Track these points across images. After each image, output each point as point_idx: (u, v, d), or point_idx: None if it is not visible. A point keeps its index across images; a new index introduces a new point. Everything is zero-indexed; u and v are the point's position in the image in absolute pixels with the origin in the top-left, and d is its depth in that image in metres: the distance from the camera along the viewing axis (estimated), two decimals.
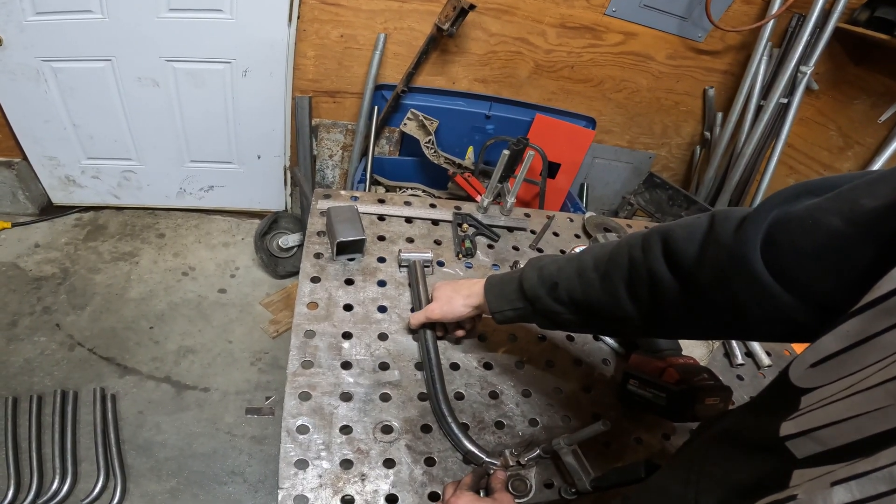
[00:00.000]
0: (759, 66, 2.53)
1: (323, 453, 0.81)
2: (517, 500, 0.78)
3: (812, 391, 0.42)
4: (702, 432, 0.62)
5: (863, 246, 0.44)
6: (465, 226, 1.26)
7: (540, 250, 1.33)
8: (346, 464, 0.81)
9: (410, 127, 2.34)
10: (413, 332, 1.01)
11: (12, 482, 1.63)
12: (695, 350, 1.15)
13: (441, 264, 1.19)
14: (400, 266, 1.13)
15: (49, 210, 2.59)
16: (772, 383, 0.51)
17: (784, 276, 0.50)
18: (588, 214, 1.45)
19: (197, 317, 2.30)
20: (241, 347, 2.23)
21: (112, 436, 1.81)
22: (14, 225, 2.47)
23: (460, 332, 1.02)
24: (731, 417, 0.56)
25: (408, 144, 2.53)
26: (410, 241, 1.22)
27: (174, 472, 1.80)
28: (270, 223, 2.47)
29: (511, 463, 0.80)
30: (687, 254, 0.59)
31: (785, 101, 2.52)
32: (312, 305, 1.01)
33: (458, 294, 0.93)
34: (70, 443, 1.76)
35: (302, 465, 0.79)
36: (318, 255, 1.11)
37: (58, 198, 2.57)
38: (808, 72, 2.41)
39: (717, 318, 0.60)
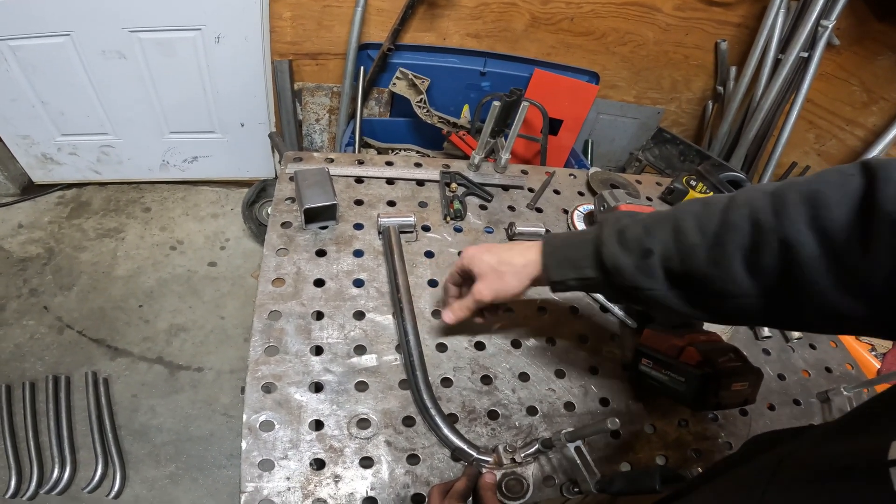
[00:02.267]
0: (777, 19, 2.36)
1: (290, 452, 0.71)
2: (511, 503, 0.68)
3: None
4: (752, 457, 0.48)
5: None
6: (453, 185, 1.12)
7: (539, 210, 1.19)
8: (318, 464, 0.71)
9: (400, 86, 2.20)
10: (448, 328, 0.84)
11: (13, 472, 1.61)
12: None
13: (426, 229, 1.06)
14: (379, 232, 1.00)
15: (31, 189, 2.51)
16: (870, 401, 0.38)
17: None
18: (593, 170, 1.31)
19: (187, 292, 2.22)
20: (234, 323, 2.15)
21: (107, 422, 1.78)
22: None
23: (480, 319, 0.82)
24: (805, 443, 0.42)
25: (399, 105, 2.39)
26: (392, 204, 1.09)
27: (172, 457, 1.76)
28: (258, 191, 2.35)
29: (505, 461, 0.69)
30: (839, 223, 0.45)
31: (805, 55, 2.35)
32: (278, 282, 0.89)
33: (509, 265, 0.72)
34: (66, 430, 1.73)
35: (267, 465, 0.70)
36: (285, 225, 0.98)
37: (38, 176, 2.49)
38: (830, 26, 2.25)
39: (869, 305, 0.45)
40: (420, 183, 1.15)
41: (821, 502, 0.34)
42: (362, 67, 2.21)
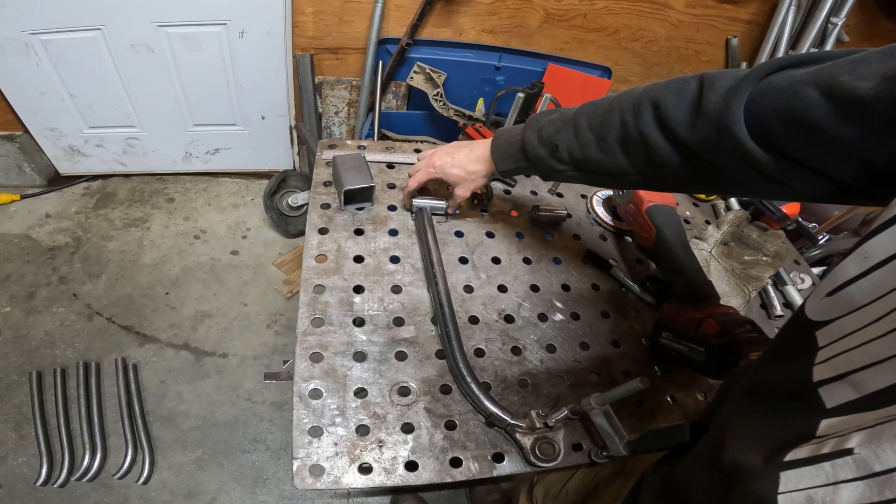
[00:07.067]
0: (787, 16, 2.38)
1: (338, 419, 0.77)
2: (545, 465, 0.73)
3: (828, 324, 0.38)
4: (729, 390, 0.58)
5: (837, 121, 0.45)
6: None
7: (560, 195, 1.24)
8: (363, 430, 0.76)
9: (417, 80, 2.24)
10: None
11: (45, 459, 1.64)
12: (730, 301, 1.07)
13: (456, 212, 1.11)
14: (412, 213, 1.06)
15: (57, 180, 2.57)
16: (787, 321, 0.47)
17: (765, 139, 0.53)
18: None
19: (211, 280, 2.28)
20: (257, 310, 2.21)
21: (137, 408, 1.81)
22: (23, 197, 2.45)
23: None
24: (753, 370, 0.51)
25: (415, 98, 2.43)
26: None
27: (199, 442, 1.81)
28: (279, 182, 2.41)
29: (538, 425, 0.74)
30: (678, 120, 0.60)
31: (815, 51, 2.37)
32: (321, 258, 0.95)
33: (475, 172, 0.94)
34: (97, 416, 1.76)
35: (316, 432, 0.75)
36: (325, 206, 1.04)
37: (64, 168, 2.54)
38: (840, 23, 2.27)
39: (710, 176, 0.63)
40: None
41: (775, 415, 0.42)
42: (381, 62, 2.25)
